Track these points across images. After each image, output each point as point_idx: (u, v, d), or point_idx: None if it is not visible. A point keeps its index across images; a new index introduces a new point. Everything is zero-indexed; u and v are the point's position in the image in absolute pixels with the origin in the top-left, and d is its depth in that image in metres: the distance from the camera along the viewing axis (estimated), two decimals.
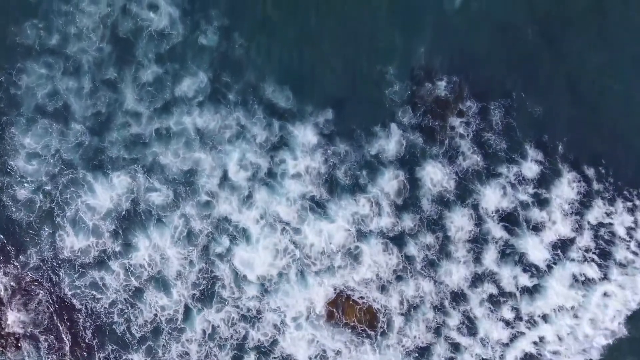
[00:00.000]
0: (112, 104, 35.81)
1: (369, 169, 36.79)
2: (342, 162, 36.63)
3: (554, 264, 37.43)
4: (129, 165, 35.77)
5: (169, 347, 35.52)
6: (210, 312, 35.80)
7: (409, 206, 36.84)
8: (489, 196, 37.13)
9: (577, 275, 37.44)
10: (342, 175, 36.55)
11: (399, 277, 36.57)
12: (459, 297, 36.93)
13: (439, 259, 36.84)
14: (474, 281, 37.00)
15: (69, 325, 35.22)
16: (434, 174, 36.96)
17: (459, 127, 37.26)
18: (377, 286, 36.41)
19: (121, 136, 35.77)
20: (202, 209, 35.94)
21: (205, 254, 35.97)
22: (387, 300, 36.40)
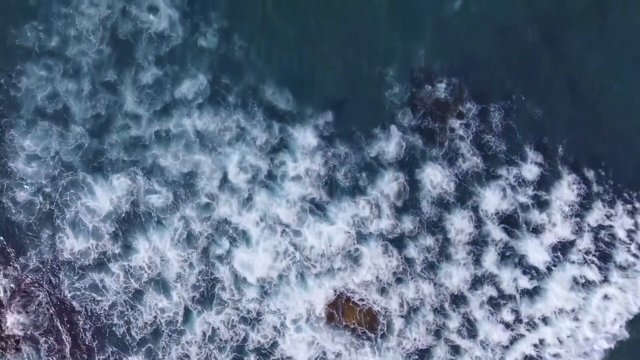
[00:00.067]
0: (112, 106, 35.81)
1: (368, 171, 36.77)
2: (342, 164, 36.61)
3: (554, 266, 37.41)
4: (129, 167, 35.77)
5: (169, 349, 35.52)
6: (210, 314, 35.80)
7: (408, 208, 36.83)
8: (488, 198, 37.11)
9: (577, 277, 37.40)
10: (342, 177, 36.54)
11: (399, 280, 36.56)
12: (459, 299, 36.90)
13: (438, 261, 36.82)
14: (474, 283, 36.98)
15: (69, 327, 35.23)
16: (434, 176, 36.94)
17: (459, 129, 37.24)
18: (377, 288, 36.40)
19: (121, 138, 35.76)
20: (202, 211, 35.93)
21: (205, 256, 35.97)
22: (387, 302, 36.39)
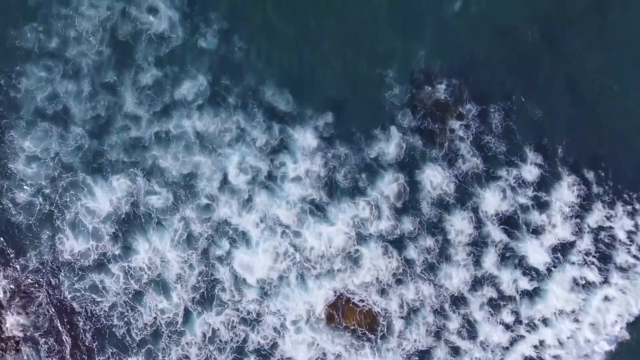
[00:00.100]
0: (112, 107, 35.80)
1: (368, 172, 36.78)
2: (342, 165, 36.62)
3: (554, 267, 37.44)
4: (129, 168, 35.76)
5: (169, 350, 35.53)
6: (210, 315, 35.81)
7: (408, 209, 36.84)
8: (488, 199, 37.13)
9: (577, 278, 37.45)
10: (342, 178, 36.55)
11: (399, 281, 36.57)
12: (459, 300, 36.93)
13: (438, 263, 36.83)
14: (474, 285, 37.01)
15: (69, 328, 35.24)
16: (434, 177, 36.95)
17: (459, 130, 37.24)
18: (377, 289, 36.41)
19: (121, 139, 35.76)
20: (202, 212, 35.94)
21: (205, 257, 35.98)
22: (387, 303, 36.40)
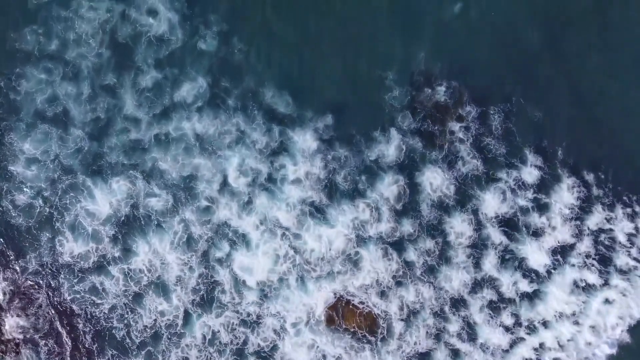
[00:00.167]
0: (112, 109, 35.78)
1: (368, 174, 36.78)
2: (342, 167, 36.61)
3: (554, 269, 37.44)
4: (129, 170, 35.76)
5: (169, 353, 35.57)
6: (210, 317, 35.83)
7: (408, 211, 36.85)
8: (488, 201, 37.13)
9: (577, 281, 37.48)
10: (342, 180, 36.54)
11: (399, 283, 36.58)
12: (458, 302, 36.96)
13: (438, 265, 36.85)
14: (474, 287, 37.02)
15: (69, 330, 35.25)
16: (434, 179, 36.95)
17: (459, 132, 37.24)
18: (376, 292, 36.41)
19: (120, 142, 35.74)
20: (202, 215, 35.93)
21: (205, 259, 35.97)
22: (387, 305, 36.40)
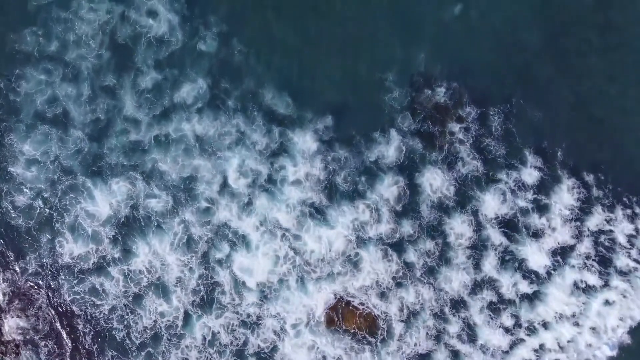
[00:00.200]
0: (111, 110, 35.79)
1: (368, 175, 36.79)
2: (342, 169, 36.61)
3: (554, 270, 37.44)
4: (128, 171, 35.78)
5: (169, 354, 35.56)
6: (210, 318, 35.82)
7: (408, 212, 36.85)
8: (488, 202, 37.13)
9: (577, 282, 37.47)
10: (342, 181, 36.53)
11: (399, 284, 36.58)
12: (458, 304, 36.96)
13: (438, 266, 36.84)
14: (474, 288, 37.02)
15: (69, 331, 35.25)
16: (434, 180, 36.95)
17: (459, 133, 37.23)
18: (376, 293, 36.41)
19: (120, 143, 35.75)
20: (202, 216, 35.92)
21: (205, 261, 35.97)
22: (387, 306, 36.40)
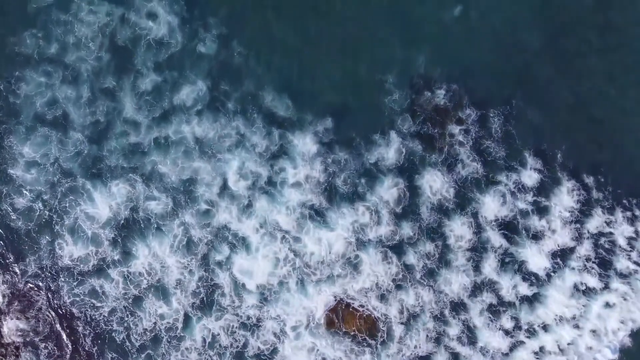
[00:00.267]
0: (111, 112, 35.79)
1: (368, 177, 36.78)
2: (342, 171, 36.60)
3: (554, 272, 37.44)
4: (128, 173, 35.78)
5: (169, 356, 35.54)
6: (210, 320, 35.80)
7: (408, 214, 36.85)
8: (488, 204, 37.13)
9: (577, 284, 37.46)
10: (342, 183, 36.53)
11: (399, 286, 36.58)
12: (458, 306, 36.94)
13: (438, 268, 36.83)
14: (474, 290, 37.01)
15: (69, 333, 35.24)
16: (433, 182, 36.95)
17: (458, 135, 37.23)
18: (376, 295, 36.41)
19: (120, 145, 35.74)
20: (202, 218, 35.91)
21: (205, 263, 35.96)
22: (387, 309, 36.40)
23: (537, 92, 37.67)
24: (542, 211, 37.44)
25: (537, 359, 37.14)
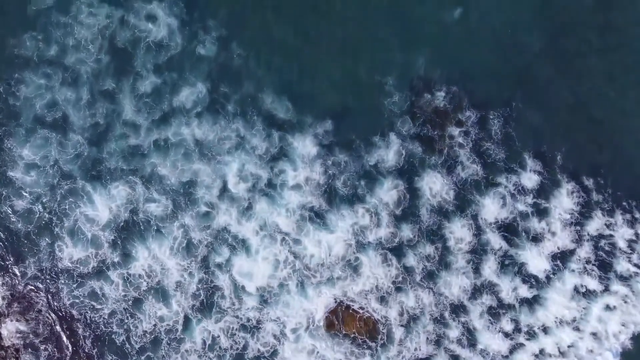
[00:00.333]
0: (111, 114, 35.78)
1: (368, 179, 36.78)
2: (342, 173, 36.60)
3: (554, 274, 37.44)
4: (128, 176, 35.76)
5: (169, 358, 35.52)
6: (209, 322, 35.79)
7: (408, 216, 36.85)
8: (488, 206, 37.12)
9: (577, 286, 37.46)
10: (342, 185, 36.52)
11: (399, 288, 36.58)
12: (458, 308, 36.94)
13: (438, 270, 36.82)
14: (474, 292, 37.00)
15: (69, 334, 35.23)
16: (433, 184, 36.95)
17: (458, 137, 37.23)
18: (376, 297, 36.40)
19: (120, 147, 35.73)
20: (202, 220, 35.90)
21: (204, 265, 35.95)
22: (387, 311, 36.40)
23: (537, 93, 37.67)
24: (542, 213, 37.44)
25: None
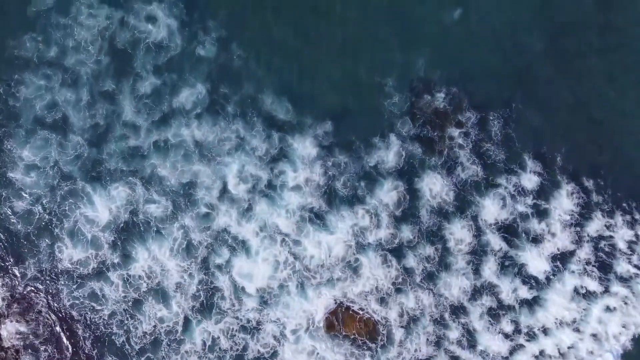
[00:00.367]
0: (110, 115, 35.79)
1: (368, 180, 36.78)
2: (342, 174, 36.59)
3: (554, 275, 37.43)
4: (128, 177, 35.77)
5: (169, 359, 35.50)
6: (209, 323, 35.78)
7: (408, 217, 36.84)
8: (488, 207, 37.11)
9: (577, 287, 37.45)
10: (342, 186, 36.52)
11: (399, 290, 36.57)
12: (458, 309, 36.92)
13: (438, 271, 36.81)
14: (474, 293, 36.99)
15: (69, 335, 35.23)
16: (433, 185, 36.95)
17: (458, 138, 37.23)
18: (376, 298, 36.40)
19: (119, 148, 35.73)
20: (202, 221, 35.90)
21: (204, 266, 35.93)
22: (387, 312, 36.39)
23: (537, 94, 37.68)
24: (541, 214, 37.43)
25: None
